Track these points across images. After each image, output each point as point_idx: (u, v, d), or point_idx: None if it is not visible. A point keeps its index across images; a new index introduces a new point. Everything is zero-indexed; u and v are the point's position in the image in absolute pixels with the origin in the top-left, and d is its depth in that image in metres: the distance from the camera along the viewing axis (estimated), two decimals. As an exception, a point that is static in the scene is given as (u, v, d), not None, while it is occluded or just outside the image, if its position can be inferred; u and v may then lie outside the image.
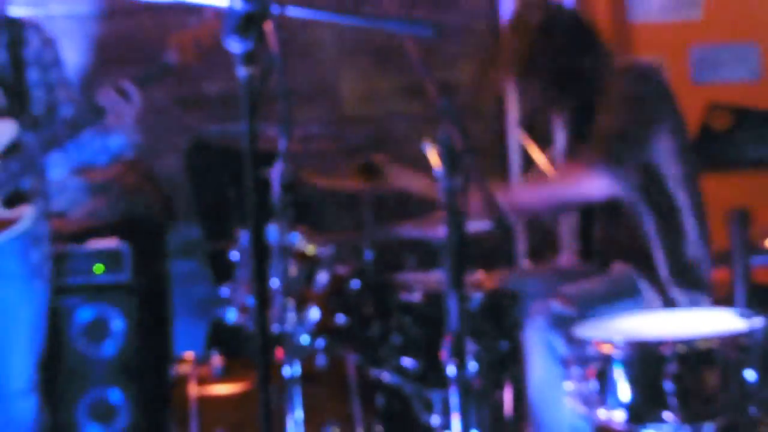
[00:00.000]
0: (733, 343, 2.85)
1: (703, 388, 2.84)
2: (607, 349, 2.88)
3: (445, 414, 3.17)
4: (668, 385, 2.81)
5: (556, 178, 3.46)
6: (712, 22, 5.60)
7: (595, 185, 3.37)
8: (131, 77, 3.62)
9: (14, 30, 3.74)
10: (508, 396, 3.83)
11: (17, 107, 3.67)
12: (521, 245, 5.36)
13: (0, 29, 3.71)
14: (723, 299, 3.65)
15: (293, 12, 2.48)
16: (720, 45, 5.62)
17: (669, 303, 3.43)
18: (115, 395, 4.44)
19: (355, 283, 3.48)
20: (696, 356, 2.83)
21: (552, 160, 5.23)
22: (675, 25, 5.58)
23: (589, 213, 3.66)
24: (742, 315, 3.00)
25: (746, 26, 5.60)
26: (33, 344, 3.78)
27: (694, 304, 3.46)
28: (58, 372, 4.31)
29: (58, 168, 3.91)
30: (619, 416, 2.88)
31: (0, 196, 3.62)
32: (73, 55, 5.05)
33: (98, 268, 4.49)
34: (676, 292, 3.46)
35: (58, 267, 4.09)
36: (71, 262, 4.45)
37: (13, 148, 3.62)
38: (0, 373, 3.75)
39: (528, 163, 5.35)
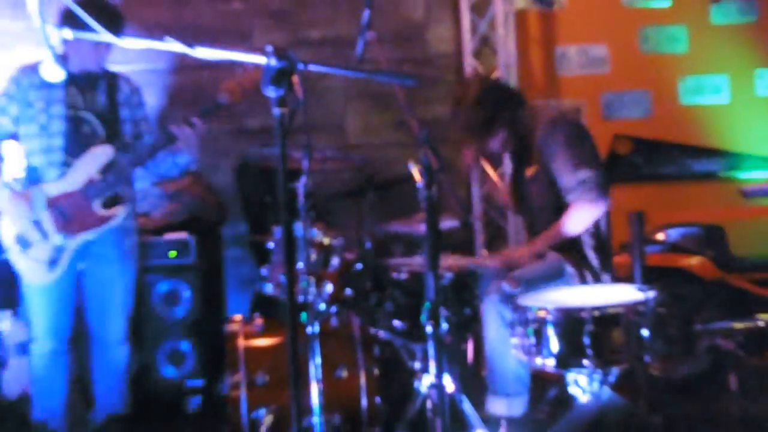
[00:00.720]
0: (633, 309, 2.85)
1: (612, 342, 2.83)
2: (542, 313, 2.87)
3: (424, 361, 3.15)
4: (586, 340, 2.80)
5: (571, 218, 3.38)
6: (616, 76, 5.59)
7: (594, 213, 3.37)
8: (195, 112, 3.61)
9: (111, 80, 3.73)
10: (470, 348, 3.81)
11: (113, 136, 3.66)
12: (480, 238, 5.32)
13: (101, 80, 3.70)
14: (625, 278, 3.63)
15: (312, 68, 2.46)
16: (623, 92, 5.61)
17: (587, 280, 3.41)
18: (185, 346, 4.42)
19: (358, 266, 3.45)
20: (606, 319, 2.82)
21: (501, 176, 5.23)
22: (590, 78, 5.57)
23: (532, 215, 3.63)
24: (640, 289, 3.00)
25: (641, 79, 5.60)
26: (125, 308, 3.78)
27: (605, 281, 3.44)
28: (143, 328, 4.29)
29: (142, 180, 3.89)
30: (550, 363, 2.87)
31: (100, 200, 3.61)
32: (152, 99, 5.02)
33: (172, 253, 4.45)
34: (593, 272, 3.44)
35: (143, 252, 4.08)
36: (153, 249, 4.42)
37: (110, 165, 3.60)
38: (102, 328, 3.76)
39: (484, 177, 5.34)
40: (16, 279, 3.75)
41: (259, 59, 2.37)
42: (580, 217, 3.37)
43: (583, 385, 2.93)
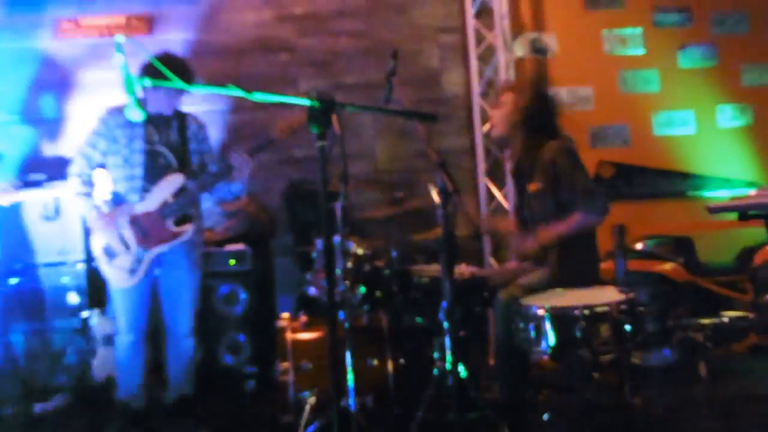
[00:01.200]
0: (617, 307, 2.81)
1: (599, 335, 2.79)
2: (540, 312, 2.83)
3: (442, 351, 3.11)
4: (578, 334, 2.76)
5: (566, 223, 3.28)
6: (599, 111, 5.53)
7: (596, 218, 3.26)
8: (248, 148, 3.62)
9: (181, 119, 3.75)
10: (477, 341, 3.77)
11: (183, 166, 3.68)
12: (487, 248, 5.28)
13: (173, 119, 3.72)
14: (609, 281, 3.58)
15: (348, 108, 2.46)
16: (605, 125, 5.55)
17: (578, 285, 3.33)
18: (242, 338, 4.40)
19: (386, 272, 3.43)
20: (595, 316, 2.79)
21: (505, 196, 5.20)
22: (578, 113, 5.50)
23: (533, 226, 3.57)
24: (622, 290, 2.95)
25: (621, 114, 5.53)
26: (192, 307, 3.77)
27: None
28: (207, 323, 4.28)
29: (207, 202, 3.90)
30: (547, 353, 2.83)
31: (173, 219, 3.62)
32: (215, 134, 5.05)
33: (231, 261, 4.45)
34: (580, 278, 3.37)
35: (207, 260, 4.08)
36: (215, 258, 4.42)
37: (181, 190, 3.62)
38: (173, 324, 3.76)
39: (491, 197, 5.32)
40: (104, 283, 3.77)
41: (304, 101, 2.37)
42: (581, 222, 3.25)
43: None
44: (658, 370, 4.05)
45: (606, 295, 2.92)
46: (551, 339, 2.80)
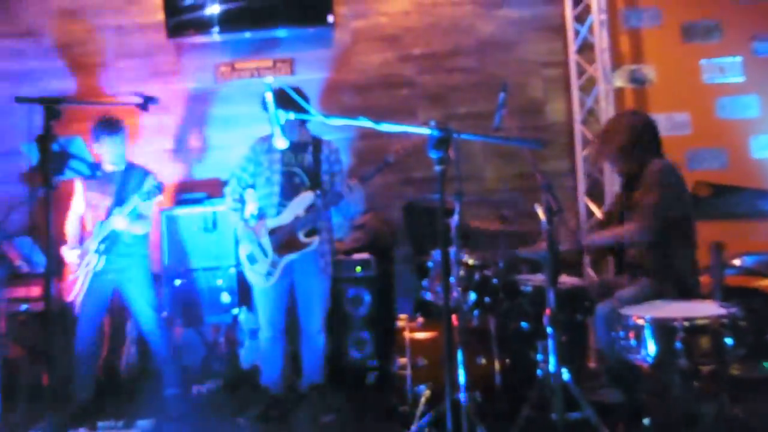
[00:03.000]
0: (717, 321, 2.62)
1: (699, 347, 2.60)
2: (640, 321, 2.69)
3: (545, 354, 3.01)
4: (678, 345, 2.59)
5: (618, 229, 3.24)
6: (697, 136, 5.21)
7: (641, 236, 3.15)
8: (367, 172, 3.63)
9: (316, 144, 3.83)
10: (578, 345, 3.60)
11: (314, 185, 3.75)
12: (586, 260, 5.07)
13: (309, 144, 3.81)
14: (708, 295, 3.34)
15: (462, 136, 2.44)
16: (702, 149, 5.22)
17: (677, 297, 3.13)
18: (366, 335, 4.43)
19: (494, 280, 3.36)
20: (695, 328, 2.62)
21: (603, 213, 4.98)
22: (676, 138, 5.20)
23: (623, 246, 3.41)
24: (721, 305, 2.75)
25: (717, 138, 5.18)
26: (322, 307, 3.81)
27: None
28: (336, 322, 4.33)
29: (338, 218, 3.96)
30: (646, 361, 2.67)
31: (304, 231, 3.69)
32: (344, 158, 5.15)
33: (358, 268, 4.49)
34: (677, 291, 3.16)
35: (337, 267, 4.12)
36: (344, 265, 4.47)
37: (311, 206, 3.69)
38: (306, 322, 3.80)
39: (590, 214, 5.12)
40: (248, 285, 3.89)
41: (424, 131, 2.37)
42: (630, 232, 3.16)
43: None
44: (760, 382, 3.72)
45: (706, 309, 2.73)
46: (651, 348, 2.64)
